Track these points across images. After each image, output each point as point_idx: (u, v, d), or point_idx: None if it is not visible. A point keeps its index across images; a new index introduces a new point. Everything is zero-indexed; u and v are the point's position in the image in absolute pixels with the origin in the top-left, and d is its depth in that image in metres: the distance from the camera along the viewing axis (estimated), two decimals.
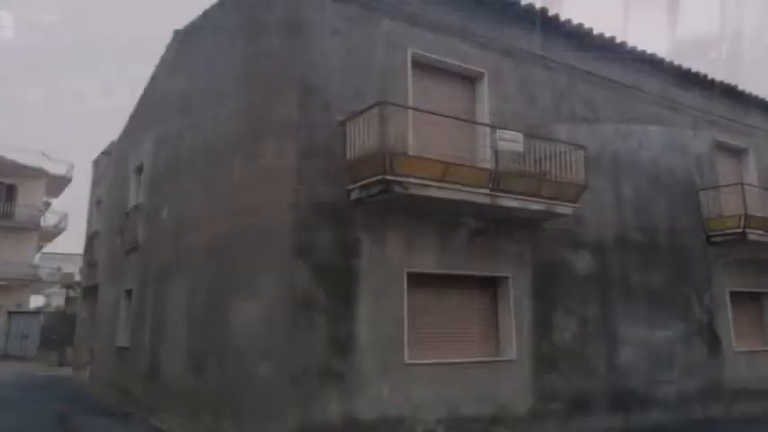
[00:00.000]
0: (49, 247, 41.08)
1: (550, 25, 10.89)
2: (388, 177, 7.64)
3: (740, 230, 11.79)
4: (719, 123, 13.41)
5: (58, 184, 36.51)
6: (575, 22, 11.04)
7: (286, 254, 7.85)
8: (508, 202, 8.75)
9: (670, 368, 11.15)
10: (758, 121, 14.29)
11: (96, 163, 22.60)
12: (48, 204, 37.61)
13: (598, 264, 10.68)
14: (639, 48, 11.96)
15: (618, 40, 11.66)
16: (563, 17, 10.87)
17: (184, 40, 13.36)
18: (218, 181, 10.30)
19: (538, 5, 10.54)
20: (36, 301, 41.29)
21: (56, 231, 36.94)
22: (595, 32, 11.33)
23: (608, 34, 11.51)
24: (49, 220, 36.24)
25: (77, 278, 25.97)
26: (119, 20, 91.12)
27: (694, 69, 12.87)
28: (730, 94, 13.65)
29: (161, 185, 13.38)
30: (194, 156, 11.64)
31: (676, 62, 12.59)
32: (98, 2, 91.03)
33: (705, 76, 13.09)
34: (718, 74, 13.26)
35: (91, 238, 20.81)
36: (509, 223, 9.62)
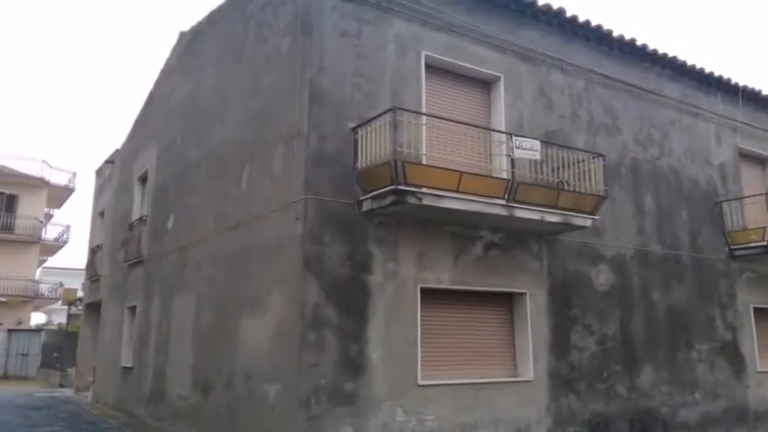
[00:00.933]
0: (51, 262, 41.24)
1: (569, 27, 11.13)
2: (400, 188, 7.77)
3: (765, 243, 12.02)
4: (743, 130, 13.67)
5: (59, 194, 36.64)
6: (594, 23, 11.28)
7: (295, 268, 7.98)
8: (525, 213, 8.91)
9: (692, 389, 11.36)
10: None
11: (99, 172, 22.73)
12: (49, 216, 37.69)
13: (618, 279, 10.88)
14: (660, 50, 12.22)
15: (638, 43, 11.92)
16: (581, 18, 11.11)
17: (190, 42, 13.55)
18: (225, 190, 10.48)
19: (555, 6, 10.75)
20: (37, 319, 41.35)
21: (58, 244, 37.01)
22: (615, 34, 11.58)
23: (628, 36, 11.77)
24: (50, 232, 36.37)
25: (80, 294, 26.08)
26: (122, 22, 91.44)
27: (717, 73, 13.14)
28: (755, 99, 13.92)
29: (166, 195, 13.57)
30: (200, 164, 11.84)
31: (698, 65, 12.84)
32: (101, 3, 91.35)
33: (728, 80, 13.35)
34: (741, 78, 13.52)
35: (94, 252, 20.96)
36: (525, 236, 9.81)
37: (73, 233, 36.78)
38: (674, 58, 12.45)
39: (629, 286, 11.03)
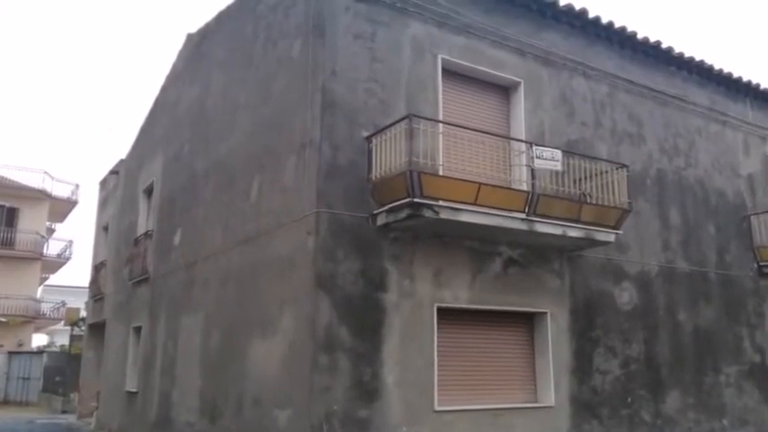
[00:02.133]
0: (53, 279, 41.23)
1: (591, 29, 11.36)
2: (416, 200, 7.94)
3: None
4: None
5: (62, 207, 36.65)
6: (617, 25, 11.52)
7: (306, 286, 8.14)
8: (546, 227, 9.10)
9: (720, 415, 11.58)
10: None
11: (103, 183, 22.87)
12: (51, 230, 37.67)
13: (642, 298, 11.08)
14: (687, 54, 12.47)
15: (664, 46, 12.16)
16: (605, 20, 11.34)
17: (197, 44, 13.72)
18: (233, 203, 10.63)
19: (578, 7, 10.98)
20: (39, 340, 41.33)
21: (60, 261, 36.99)
22: (640, 37, 11.82)
23: (653, 38, 12.01)
24: (52, 247, 36.34)
25: (83, 314, 26.27)
26: (128, 24, 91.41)
27: (745, 78, 13.40)
28: None
29: (172, 209, 13.69)
30: (207, 175, 11.99)
31: (726, 70, 13.10)
32: (104, 6, 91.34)
33: (757, 85, 13.62)
34: None
35: (97, 269, 21.08)
36: (546, 252, 10.00)
37: (76, 249, 37.18)
38: (701, 63, 12.69)
39: (654, 305, 11.24)
